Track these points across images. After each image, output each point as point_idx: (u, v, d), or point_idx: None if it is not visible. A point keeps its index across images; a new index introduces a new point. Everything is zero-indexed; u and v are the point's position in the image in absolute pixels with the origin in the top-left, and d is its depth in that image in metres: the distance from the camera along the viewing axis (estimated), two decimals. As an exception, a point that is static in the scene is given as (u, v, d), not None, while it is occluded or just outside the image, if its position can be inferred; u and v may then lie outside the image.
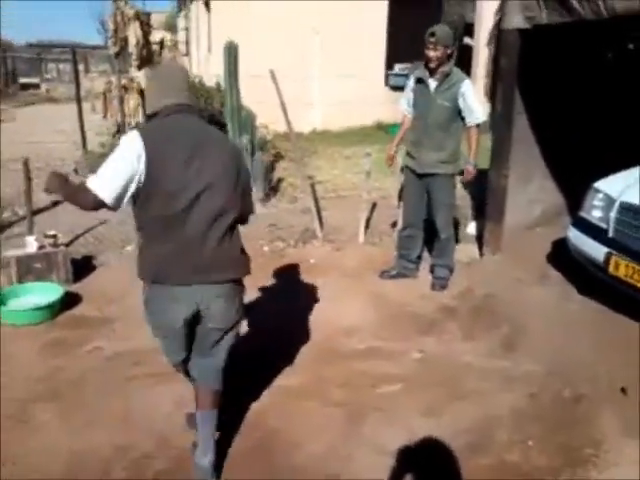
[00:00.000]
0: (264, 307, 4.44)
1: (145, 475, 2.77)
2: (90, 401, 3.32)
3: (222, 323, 2.65)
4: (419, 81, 4.66)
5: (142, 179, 2.36)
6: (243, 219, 2.73)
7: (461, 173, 4.74)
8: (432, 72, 4.53)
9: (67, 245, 5.22)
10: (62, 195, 2.52)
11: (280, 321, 4.25)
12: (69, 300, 4.51)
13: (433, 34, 4.37)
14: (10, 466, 2.80)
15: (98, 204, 2.37)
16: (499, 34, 5.03)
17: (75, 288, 4.77)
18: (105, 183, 2.35)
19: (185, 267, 2.45)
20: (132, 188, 2.37)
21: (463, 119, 4.57)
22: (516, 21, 4.77)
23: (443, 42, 4.38)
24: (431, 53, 4.42)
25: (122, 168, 2.36)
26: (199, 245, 2.46)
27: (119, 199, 2.37)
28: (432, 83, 4.55)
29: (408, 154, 4.81)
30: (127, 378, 3.55)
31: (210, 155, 2.48)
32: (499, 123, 5.26)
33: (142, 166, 2.35)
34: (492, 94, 5.38)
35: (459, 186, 7.16)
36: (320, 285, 4.81)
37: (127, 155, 2.37)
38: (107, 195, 2.34)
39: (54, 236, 4.91)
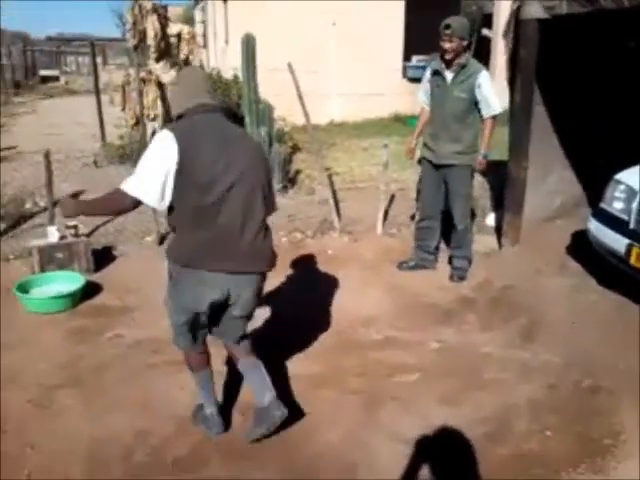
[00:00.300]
0: (282, 297, 4.46)
1: (165, 460, 2.80)
2: (111, 387, 3.37)
3: (246, 311, 2.79)
4: (435, 73, 4.64)
5: (176, 174, 2.48)
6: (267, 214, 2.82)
7: None
8: (448, 64, 4.50)
9: (88, 235, 5.28)
10: (87, 212, 2.75)
11: (298, 311, 4.27)
12: (90, 289, 4.57)
13: (448, 26, 4.34)
14: (29, 451, 2.85)
15: (134, 204, 2.51)
16: (517, 25, 4.96)
17: (96, 277, 4.83)
18: (141, 183, 2.48)
19: (220, 255, 2.57)
20: (170, 183, 2.49)
21: (480, 110, 4.54)
22: (535, 11, 4.72)
23: (459, 34, 4.35)
24: (446, 45, 4.40)
25: (157, 166, 2.49)
26: (236, 236, 2.59)
27: (160, 196, 2.50)
28: (448, 75, 4.53)
29: (425, 145, 4.81)
30: (147, 365, 3.59)
31: (237, 150, 2.63)
32: (518, 114, 5.21)
33: (175, 161, 2.46)
34: (510, 85, 5.31)
35: (479, 177, 7.16)
36: (338, 276, 4.82)
37: (161, 153, 2.50)
38: (143, 193, 2.47)
39: (75, 227, 4.97)
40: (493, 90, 4.51)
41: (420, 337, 3.96)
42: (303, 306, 4.38)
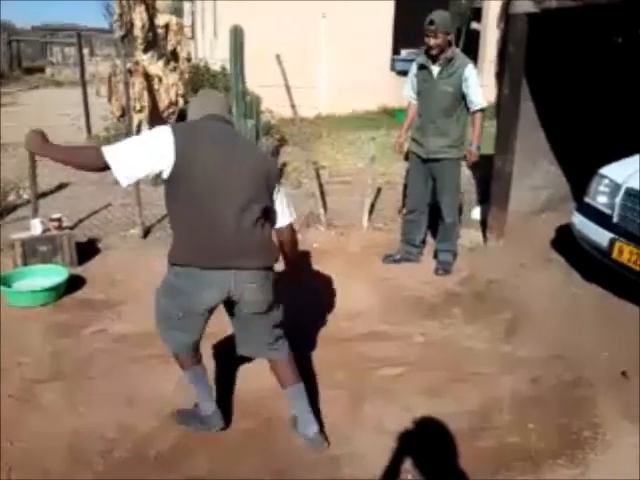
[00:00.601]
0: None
1: (147, 455, 2.79)
2: (94, 382, 3.35)
3: (257, 308, 2.76)
4: (422, 67, 4.67)
5: (170, 170, 2.47)
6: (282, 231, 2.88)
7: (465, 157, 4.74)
8: (434, 59, 4.53)
9: (72, 228, 5.24)
10: (52, 154, 2.56)
11: (282, 304, 4.26)
12: (74, 283, 4.54)
13: (432, 22, 4.36)
14: (8, 446, 2.82)
15: (101, 167, 2.45)
16: (507, 19, 4.97)
17: (80, 271, 4.80)
18: (119, 154, 2.44)
19: (214, 252, 2.54)
20: (144, 173, 2.49)
21: (467, 104, 4.56)
22: (525, 5, 4.72)
23: (443, 29, 4.37)
24: (432, 41, 4.42)
25: (143, 148, 2.48)
26: (228, 233, 2.55)
27: (129, 174, 2.47)
28: (435, 69, 4.55)
29: (413, 140, 4.81)
30: (131, 360, 3.58)
31: (236, 153, 2.60)
32: (505, 108, 5.23)
33: (170, 157, 2.45)
34: (498, 80, 5.33)
35: (465, 171, 7.18)
36: (323, 269, 4.82)
37: (152, 143, 2.49)
38: (115, 161, 2.43)
39: (59, 219, 4.93)
40: (479, 83, 4.52)
41: (405, 330, 3.97)
42: (287, 300, 4.36)
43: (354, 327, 4.03)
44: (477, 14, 14.65)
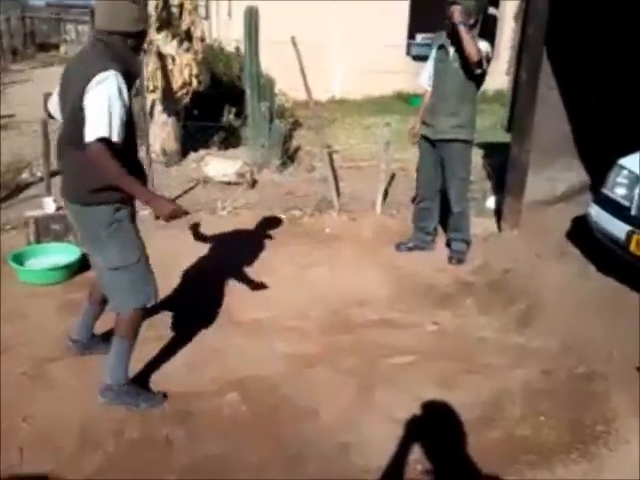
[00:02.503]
0: (278, 274, 4.44)
1: (158, 437, 2.79)
2: (105, 361, 3.34)
3: (85, 248, 2.98)
4: (440, 47, 4.62)
5: None
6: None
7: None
8: (453, 39, 4.46)
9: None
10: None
11: (293, 290, 4.26)
12: (86, 262, 4.53)
13: (454, 2, 4.29)
14: (21, 423, 2.84)
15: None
16: (527, 2, 4.87)
17: (91, 250, 4.78)
18: (114, 130, 2.59)
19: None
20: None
21: (479, 86, 4.56)
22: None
23: (465, 8, 4.30)
24: (452, 17, 4.34)
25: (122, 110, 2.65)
26: (60, 164, 2.83)
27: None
28: (451, 49, 4.51)
29: (424, 123, 4.77)
30: (140, 340, 3.55)
31: (69, 77, 2.73)
32: (523, 94, 5.14)
33: None
34: (517, 65, 5.23)
35: (480, 159, 7.11)
36: (335, 255, 4.80)
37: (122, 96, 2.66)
38: (117, 138, 2.60)
39: (71, 198, 4.91)
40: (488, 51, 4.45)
41: (416, 319, 3.95)
42: (299, 285, 4.36)
43: (365, 314, 4.01)
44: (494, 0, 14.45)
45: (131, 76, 2.76)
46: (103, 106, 2.53)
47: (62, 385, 3.14)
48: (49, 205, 4.82)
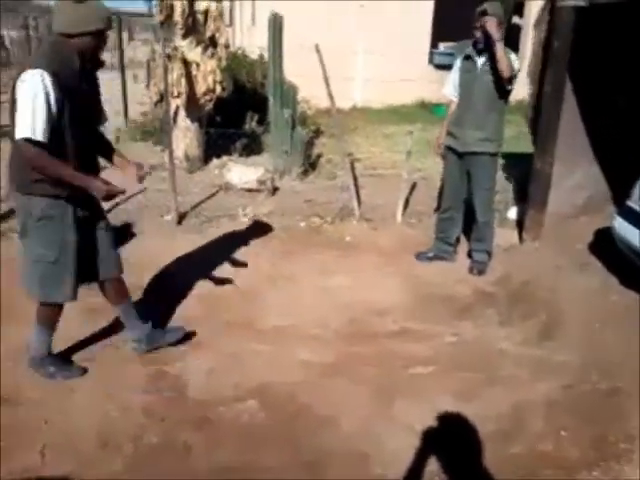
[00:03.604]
0: (299, 282, 4.45)
1: (176, 442, 2.81)
2: (125, 365, 3.38)
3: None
4: (467, 58, 4.59)
5: None
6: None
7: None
8: (481, 51, 4.45)
9: (108, 211, 5.27)
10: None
11: (313, 298, 4.26)
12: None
13: (485, 12, 4.26)
14: (43, 425, 2.87)
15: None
16: (552, 11, 4.84)
17: (114, 254, 4.83)
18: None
19: None
20: None
21: (507, 97, 4.53)
22: (573, -2, 4.60)
23: (499, 19, 4.29)
24: (478, 34, 4.37)
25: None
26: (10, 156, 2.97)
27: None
28: (479, 60, 4.48)
29: (449, 134, 4.75)
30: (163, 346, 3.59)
31: None
32: (547, 107, 5.10)
33: None
34: (541, 77, 5.20)
35: (501, 170, 7.05)
36: (355, 263, 4.79)
37: None
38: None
39: (95, 202, 4.96)
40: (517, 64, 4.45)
41: (436, 329, 3.93)
42: (317, 293, 4.36)
43: (385, 323, 4.00)
44: (519, 8, 14.37)
45: (66, 75, 2.81)
46: (27, 105, 2.68)
47: (82, 388, 3.17)
48: (73, 209, 4.86)
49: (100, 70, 3.14)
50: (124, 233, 5.23)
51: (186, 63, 7.00)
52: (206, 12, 7.12)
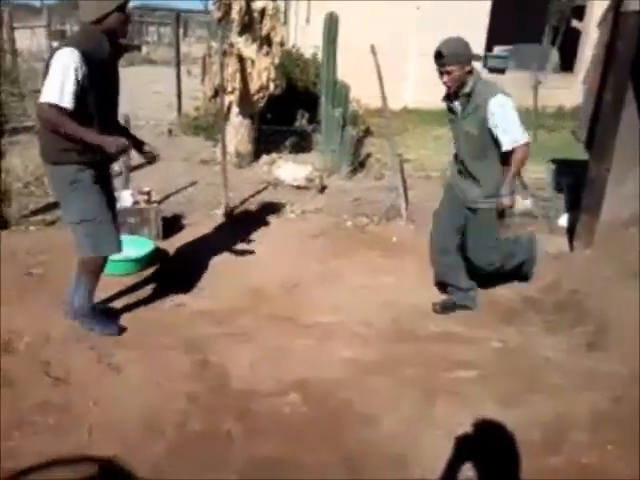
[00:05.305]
0: (344, 281, 4.47)
1: (219, 430, 2.85)
2: (170, 353, 3.45)
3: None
4: (449, 110, 3.92)
5: None
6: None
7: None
8: (454, 95, 3.78)
9: (159, 202, 5.39)
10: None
11: (359, 297, 4.26)
12: (158, 255, 4.69)
13: (440, 54, 3.62)
14: (91, 406, 2.96)
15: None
16: (616, 17, 4.72)
17: (164, 245, 4.95)
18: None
19: None
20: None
21: (499, 145, 3.68)
22: (638, 4, 4.47)
23: (455, 60, 3.59)
24: (444, 78, 3.67)
25: None
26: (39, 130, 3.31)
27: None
28: (458, 107, 3.78)
29: (454, 177, 4.14)
30: (207, 335, 3.66)
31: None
32: (606, 113, 4.98)
33: None
34: (601, 82, 5.07)
35: (551, 177, 6.92)
36: (401, 264, 4.77)
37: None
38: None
39: (148, 193, 5.08)
40: (513, 115, 3.62)
41: (481, 334, 3.88)
42: (361, 292, 4.36)
43: (429, 326, 3.97)
44: (579, 12, 14.06)
45: (95, 56, 3.11)
46: (57, 74, 2.97)
47: (129, 373, 3.26)
48: (126, 199, 4.99)
49: (155, 65, 3.35)
50: (173, 224, 5.34)
51: (241, 60, 7.10)
52: (263, 10, 7.20)
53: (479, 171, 3.81)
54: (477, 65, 12.38)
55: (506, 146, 3.62)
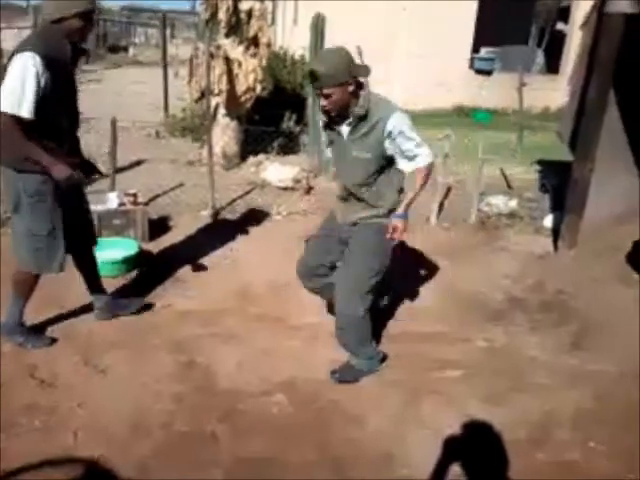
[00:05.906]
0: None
1: (206, 430, 2.85)
2: (157, 354, 3.45)
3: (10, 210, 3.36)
4: (327, 126, 3.23)
5: None
6: None
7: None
8: (342, 116, 3.07)
9: (145, 204, 5.38)
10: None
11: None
12: (144, 257, 4.67)
13: (314, 76, 2.91)
14: (76, 408, 2.95)
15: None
16: (599, 18, 4.77)
17: (150, 246, 4.93)
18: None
19: None
20: None
21: (400, 164, 3.15)
22: (622, 5, 4.52)
23: (332, 81, 2.87)
24: (323, 102, 2.98)
25: None
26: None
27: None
28: (344, 129, 3.10)
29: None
30: (193, 336, 3.66)
31: None
32: (590, 114, 5.03)
33: None
34: (585, 84, 5.12)
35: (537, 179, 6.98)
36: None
37: None
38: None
39: (134, 195, 5.07)
40: (413, 135, 3.03)
41: (467, 334, 3.91)
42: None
43: (415, 326, 3.99)
44: (565, 15, 14.18)
45: (57, 60, 2.97)
46: (16, 81, 2.83)
47: (115, 374, 3.25)
48: (112, 201, 4.98)
49: (142, 66, 3.27)
50: (160, 226, 5.33)
51: (228, 61, 7.09)
52: (250, 11, 7.19)
53: (373, 197, 3.18)
54: (463, 66, 12.33)
55: (408, 169, 3.16)
